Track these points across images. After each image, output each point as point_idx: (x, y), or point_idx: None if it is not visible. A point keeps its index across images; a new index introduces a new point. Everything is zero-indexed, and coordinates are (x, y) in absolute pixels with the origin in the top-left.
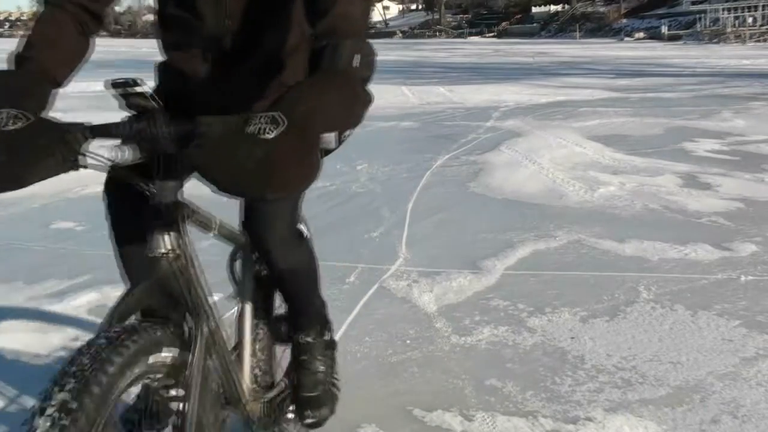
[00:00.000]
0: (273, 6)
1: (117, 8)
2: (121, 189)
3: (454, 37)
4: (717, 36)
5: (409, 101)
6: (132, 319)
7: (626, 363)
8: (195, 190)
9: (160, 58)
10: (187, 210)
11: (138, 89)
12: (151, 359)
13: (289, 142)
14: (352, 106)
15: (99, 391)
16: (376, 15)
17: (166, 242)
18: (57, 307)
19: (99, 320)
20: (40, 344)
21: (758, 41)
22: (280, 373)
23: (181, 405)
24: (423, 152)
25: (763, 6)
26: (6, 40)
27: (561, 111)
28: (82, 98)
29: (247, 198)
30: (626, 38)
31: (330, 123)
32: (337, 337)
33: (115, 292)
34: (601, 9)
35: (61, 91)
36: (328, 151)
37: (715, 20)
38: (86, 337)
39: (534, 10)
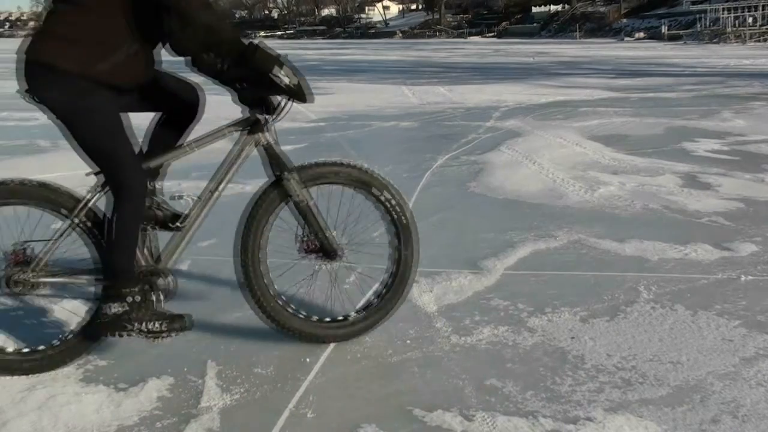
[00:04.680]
0: None
1: None
2: None
3: (454, 37)
4: (717, 36)
5: (409, 101)
6: None
7: (626, 363)
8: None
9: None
10: None
11: None
12: None
13: None
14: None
15: None
16: (377, 15)
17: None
18: (57, 307)
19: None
20: (40, 344)
21: (758, 41)
22: None
23: None
24: (423, 152)
25: (763, 6)
26: (6, 40)
27: (561, 111)
28: None
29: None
30: (626, 38)
31: None
32: None
33: None
34: (601, 9)
35: None
36: None
37: (715, 20)
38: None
39: (534, 10)
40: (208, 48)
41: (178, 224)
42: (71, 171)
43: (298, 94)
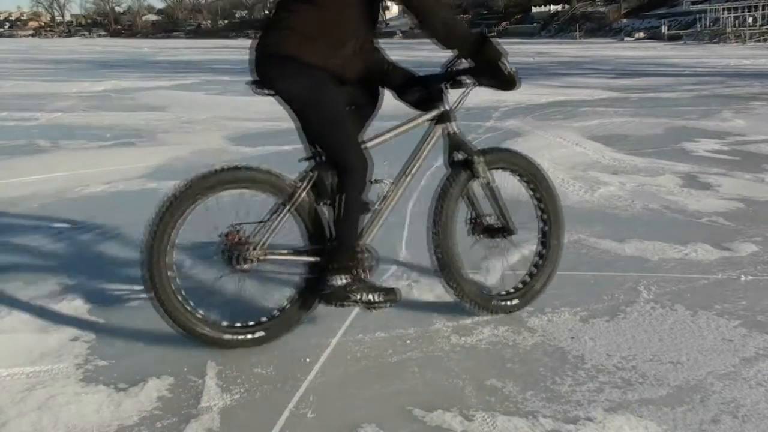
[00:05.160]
0: None
1: (117, 8)
2: None
3: None
4: (717, 36)
5: None
6: None
7: (626, 363)
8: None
9: (160, 57)
10: None
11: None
12: None
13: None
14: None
15: None
16: None
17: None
18: (57, 307)
19: (99, 320)
20: (40, 344)
21: (758, 41)
22: None
23: None
24: None
25: (763, 6)
26: (6, 39)
27: (561, 111)
28: (82, 98)
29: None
30: (626, 38)
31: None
32: (337, 337)
33: (114, 292)
34: (601, 9)
35: (62, 91)
36: None
37: (715, 20)
38: (86, 336)
39: (534, 10)
40: (444, 42)
41: (376, 206)
42: (71, 171)
43: (514, 81)
